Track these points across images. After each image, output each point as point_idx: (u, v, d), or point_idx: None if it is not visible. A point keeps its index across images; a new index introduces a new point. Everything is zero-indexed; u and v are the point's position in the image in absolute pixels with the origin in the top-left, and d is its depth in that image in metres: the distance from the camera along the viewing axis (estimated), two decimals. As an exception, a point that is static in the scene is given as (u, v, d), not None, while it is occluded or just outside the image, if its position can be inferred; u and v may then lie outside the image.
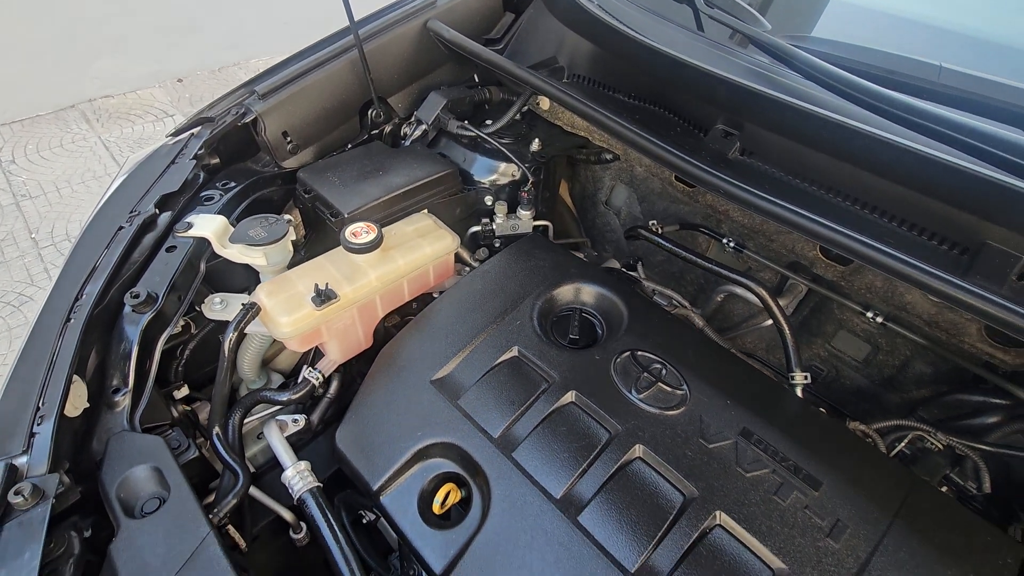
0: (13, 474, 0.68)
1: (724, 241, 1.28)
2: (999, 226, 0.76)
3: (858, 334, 1.19)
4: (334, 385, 1.16)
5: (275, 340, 1.19)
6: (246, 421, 1.04)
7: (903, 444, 0.95)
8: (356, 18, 1.17)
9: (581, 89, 1.25)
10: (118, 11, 4.52)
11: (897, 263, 0.78)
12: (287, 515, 0.97)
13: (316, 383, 1.03)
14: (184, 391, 1.02)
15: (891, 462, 0.81)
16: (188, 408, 1.02)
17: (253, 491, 0.92)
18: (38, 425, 0.74)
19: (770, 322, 1.31)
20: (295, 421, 1.01)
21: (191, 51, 4.85)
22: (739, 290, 1.29)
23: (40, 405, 0.75)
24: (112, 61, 4.63)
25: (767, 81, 0.98)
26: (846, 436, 0.85)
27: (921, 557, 0.70)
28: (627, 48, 1.11)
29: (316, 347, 1.08)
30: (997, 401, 0.98)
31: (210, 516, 0.76)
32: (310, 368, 1.05)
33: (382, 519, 1.04)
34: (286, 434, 0.99)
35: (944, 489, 0.98)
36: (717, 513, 0.74)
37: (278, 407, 1.05)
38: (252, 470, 0.98)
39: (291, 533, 0.98)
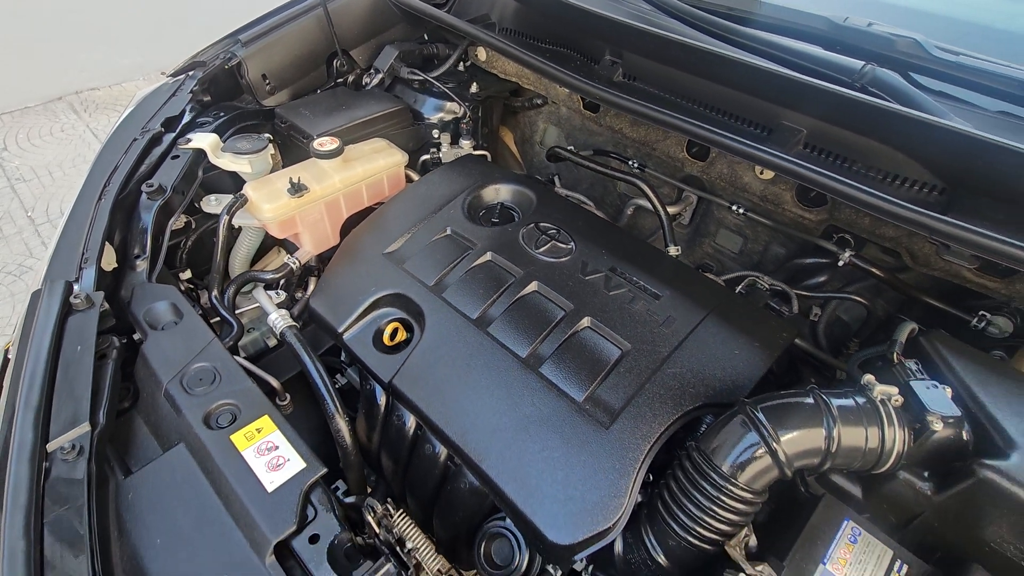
0: (70, 288, 0.94)
1: (630, 163, 1.56)
2: (789, 109, 1.05)
3: (732, 229, 1.49)
4: (311, 288, 1.43)
5: (262, 259, 1.46)
6: (239, 312, 1.30)
7: (740, 286, 1.24)
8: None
9: (508, 38, 1.53)
10: (103, 5, 4.72)
11: (725, 140, 1.07)
12: (274, 382, 1.22)
13: (294, 267, 1.30)
14: (188, 274, 1.28)
15: (716, 284, 1.10)
16: (191, 287, 1.29)
17: (243, 362, 1.17)
18: (84, 265, 1.00)
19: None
20: (278, 293, 1.28)
21: (175, 44, 5.02)
22: (642, 200, 1.57)
23: (85, 251, 1.01)
24: (98, 54, 4.84)
25: (639, 19, 1.26)
26: (690, 272, 1.13)
27: (723, 333, 0.98)
28: (538, 1, 1.39)
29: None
30: (823, 261, 1.27)
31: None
32: (289, 255, 1.31)
33: (347, 372, 1.31)
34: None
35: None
36: (586, 318, 1.02)
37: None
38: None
39: (276, 400, 1.24)
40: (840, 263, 1.17)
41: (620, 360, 0.97)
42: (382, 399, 1.12)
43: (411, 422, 1.08)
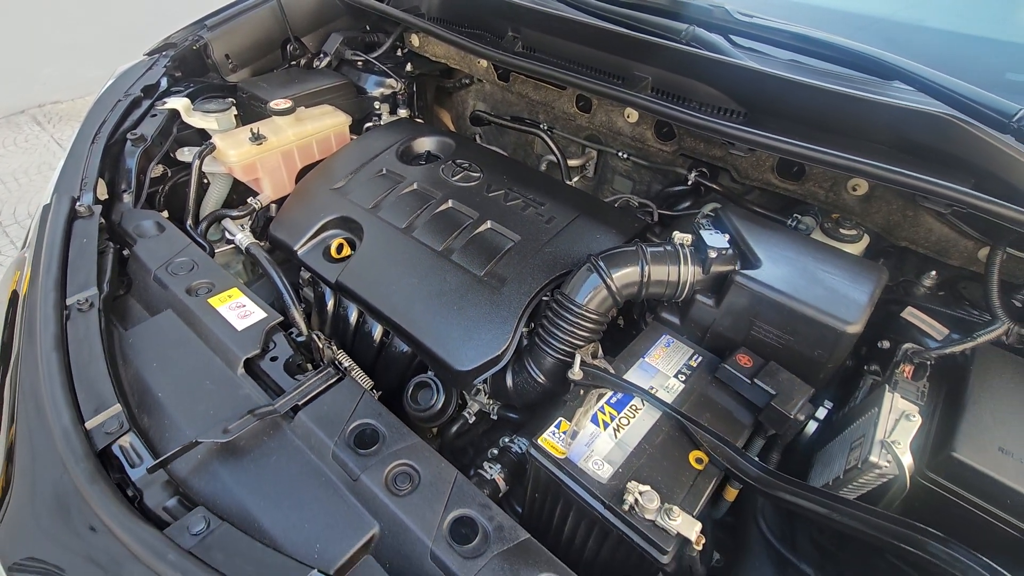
0: (74, 201, 1.19)
1: (541, 127, 1.88)
2: (636, 62, 1.38)
3: (623, 174, 1.82)
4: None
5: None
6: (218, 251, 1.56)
7: (617, 204, 1.57)
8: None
9: (434, 23, 1.85)
10: (64, 21, 4.89)
11: (594, 85, 1.39)
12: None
13: (257, 207, 1.56)
14: (165, 214, 1.53)
15: (590, 195, 1.42)
16: (168, 225, 1.53)
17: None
18: (83, 189, 1.25)
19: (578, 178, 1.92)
20: (242, 228, 1.54)
21: (137, 57, 5.24)
22: (552, 156, 1.89)
23: (84, 178, 1.26)
24: (60, 68, 4.99)
25: (531, 1, 1.59)
26: (570, 188, 1.45)
27: (590, 225, 1.29)
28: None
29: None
30: (686, 188, 1.60)
31: (191, 244, 1.28)
32: (252, 197, 1.57)
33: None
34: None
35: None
36: (488, 221, 1.32)
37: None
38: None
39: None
40: (689, 183, 1.50)
41: (511, 248, 1.27)
42: (331, 300, 1.39)
43: (354, 313, 1.35)
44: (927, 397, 0.89)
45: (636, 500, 0.79)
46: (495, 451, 1.18)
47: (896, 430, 0.81)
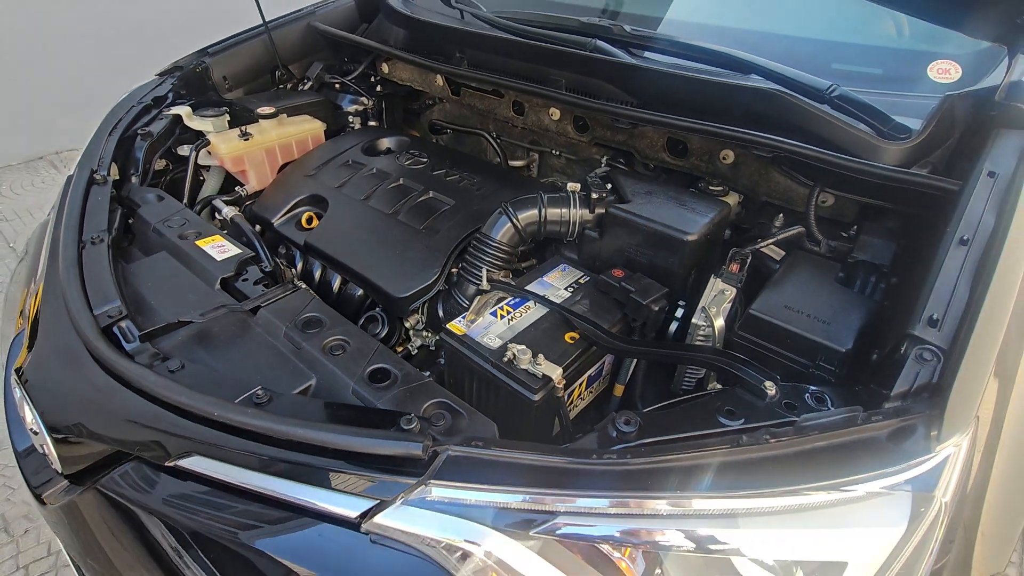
0: (93, 172, 1.48)
1: (491, 135, 2.21)
2: (552, 68, 1.72)
3: (559, 171, 2.13)
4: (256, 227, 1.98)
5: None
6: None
7: (547, 180, 1.86)
8: (268, 14, 2.11)
9: (398, 50, 2.21)
10: (80, 77, 5.38)
11: (520, 86, 1.72)
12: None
13: (243, 194, 1.86)
14: (165, 200, 1.82)
15: (517, 173, 1.72)
16: (167, 209, 1.82)
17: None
18: (100, 165, 1.54)
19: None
20: (230, 207, 1.82)
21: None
22: (497, 159, 2.20)
23: (101, 157, 1.56)
24: (76, 119, 5.42)
25: (472, 27, 1.95)
26: (500, 168, 1.75)
27: (513, 191, 1.58)
28: (414, 25, 2.09)
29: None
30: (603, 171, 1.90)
31: (184, 211, 1.56)
32: (239, 186, 1.87)
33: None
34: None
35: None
36: (430, 192, 1.61)
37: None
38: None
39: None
40: (603, 166, 1.80)
41: (447, 209, 1.55)
42: (300, 261, 1.65)
43: (318, 271, 1.61)
44: (744, 283, 1.14)
45: (514, 355, 1.03)
46: (428, 371, 1.42)
47: (713, 301, 1.06)
